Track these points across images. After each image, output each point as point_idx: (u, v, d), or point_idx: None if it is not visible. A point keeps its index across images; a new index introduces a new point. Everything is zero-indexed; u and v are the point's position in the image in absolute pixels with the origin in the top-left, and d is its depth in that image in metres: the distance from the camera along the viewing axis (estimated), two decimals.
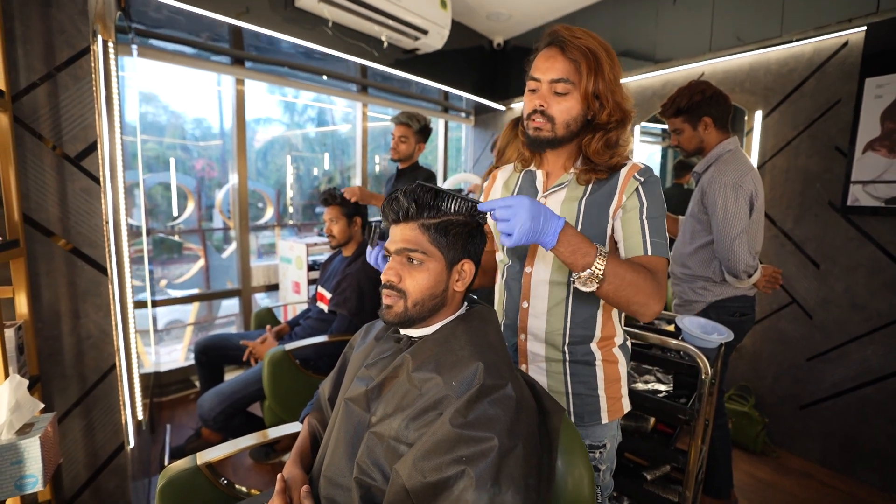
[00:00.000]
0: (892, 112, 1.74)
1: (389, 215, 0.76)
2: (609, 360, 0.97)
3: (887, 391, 1.83)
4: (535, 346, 0.98)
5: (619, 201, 0.89)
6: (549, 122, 0.88)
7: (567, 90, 0.86)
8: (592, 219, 0.91)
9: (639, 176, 0.89)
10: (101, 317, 1.26)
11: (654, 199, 0.88)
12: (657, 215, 0.88)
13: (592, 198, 0.91)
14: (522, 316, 0.98)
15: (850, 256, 1.91)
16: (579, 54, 0.84)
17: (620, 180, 0.90)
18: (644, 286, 0.80)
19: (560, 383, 0.97)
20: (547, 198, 0.96)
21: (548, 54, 0.88)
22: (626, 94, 0.90)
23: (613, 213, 0.89)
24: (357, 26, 2.36)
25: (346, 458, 0.72)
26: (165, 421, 2.25)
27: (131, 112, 2.09)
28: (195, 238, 3.76)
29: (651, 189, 0.88)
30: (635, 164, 0.92)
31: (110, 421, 1.30)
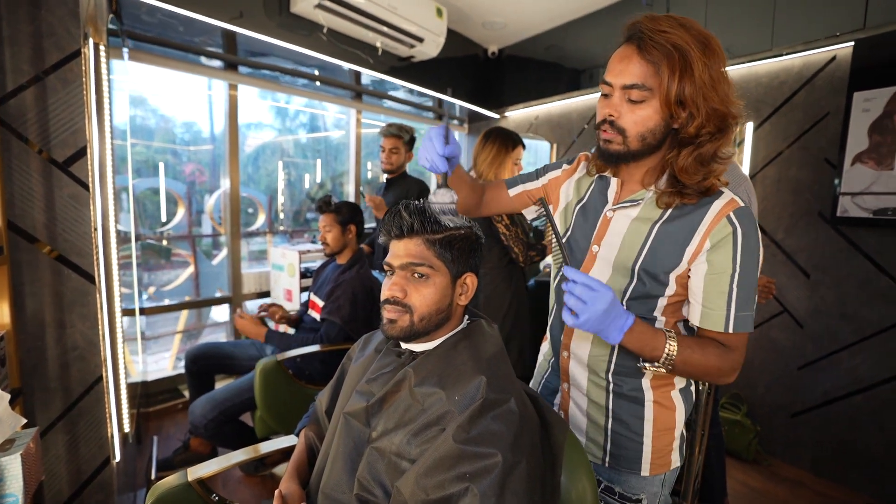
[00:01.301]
0: (878, 125, 1.77)
1: (392, 230, 0.74)
2: (664, 403, 0.84)
3: (877, 399, 1.85)
4: (576, 369, 0.88)
5: (699, 246, 0.74)
6: (620, 134, 0.75)
7: (643, 97, 0.71)
8: (661, 252, 0.77)
9: (734, 219, 0.72)
10: (88, 327, 1.22)
11: (751, 255, 0.72)
12: (750, 279, 0.72)
13: (669, 226, 0.76)
14: (567, 332, 0.89)
15: (840, 267, 1.93)
16: (660, 54, 0.68)
17: (708, 218, 0.73)
18: (716, 368, 0.73)
19: (600, 415, 0.86)
20: (616, 211, 0.82)
21: (623, 53, 0.73)
22: (727, 95, 0.71)
23: (691, 259, 0.75)
24: (352, 33, 2.35)
25: (346, 473, 0.70)
26: (152, 432, 2.19)
27: (121, 116, 2.05)
28: (185, 244, 3.70)
29: (748, 241, 0.72)
30: (733, 198, 0.74)
31: (95, 435, 1.26)
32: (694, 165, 0.72)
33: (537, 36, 3.06)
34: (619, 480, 0.86)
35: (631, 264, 0.79)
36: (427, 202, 0.75)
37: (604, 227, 0.83)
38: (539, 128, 3.27)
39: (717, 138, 0.72)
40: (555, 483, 0.70)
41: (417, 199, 0.77)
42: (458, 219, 0.76)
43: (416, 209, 0.73)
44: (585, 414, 0.88)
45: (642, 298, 0.80)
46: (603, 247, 0.82)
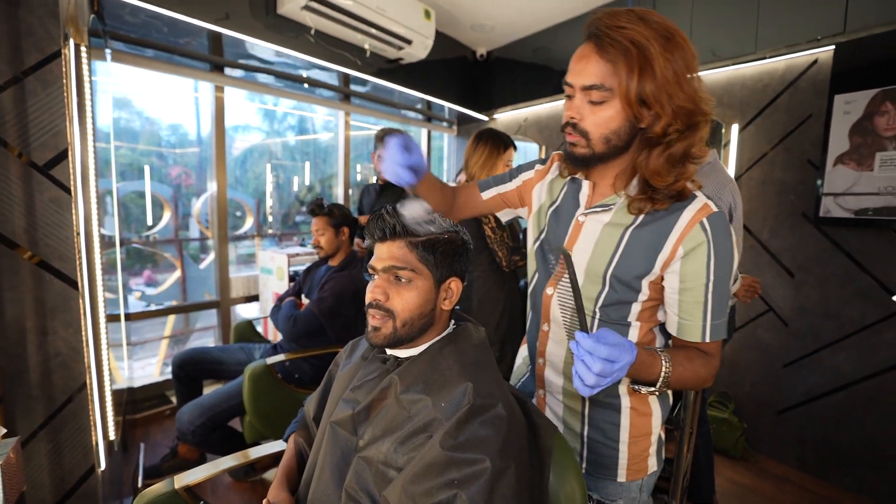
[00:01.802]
0: (859, 127, 1.81)
1: (375, 233, 0.74)
2: (640, 409, 0.82)
3: (858, 396, 1.89)
4: (552, 375, 0.87)
5: (672, 253, 0.71)
6: (583, 136, 0.72)
7: (603, 98, 0.68)
8: (633, 258, 0.74)
9: (707, 226, 0.69)
10: (71, 333, 1.20)
11: (724, 262, 0.70)
12: (724, 286, 0.71)
13: (641, 231, 0.74)
14: (542, 339, 0.87)
15: (824, 266, 1.97)
16: (617, 51, 0.65)
17: (681, 224, 0.71)
18: (702, 378, 0.74)
19: (576, 422, 0.85)
20: (588, 216, 0.80)
21: (581, 53, 0.70)
22: (694, 91, 0.67)
23: (663, 266, 0.73)
24: (340, 35, 2.34)
25: (334, 484, 0.69)
26: (139, 439, 2.15)
27: (104, 118, 2.02)
28: (171, 248, 3.65)
29: (721, 249, 0.70)
30: (706, 203, 0.71)
31: (80, 443, 1.23)
32: (665, 167, 0.70)
33: (525, 38, 3.07)
34: (595, 487, 0.85)
35: (603, 271, 0.77)
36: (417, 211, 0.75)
37: (576, 232, 0.81)
38: (528, 130, 3.28)
39: (687, 137, 0.68)
40: (543, 486, 0.70)
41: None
42: (443, 223, 0.75)
43: (398, 212, 0.73)
44: (561, 420, 0.88)
45: (615, 305, 0.78)
46: (575, 252, 0.80)
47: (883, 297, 1.82)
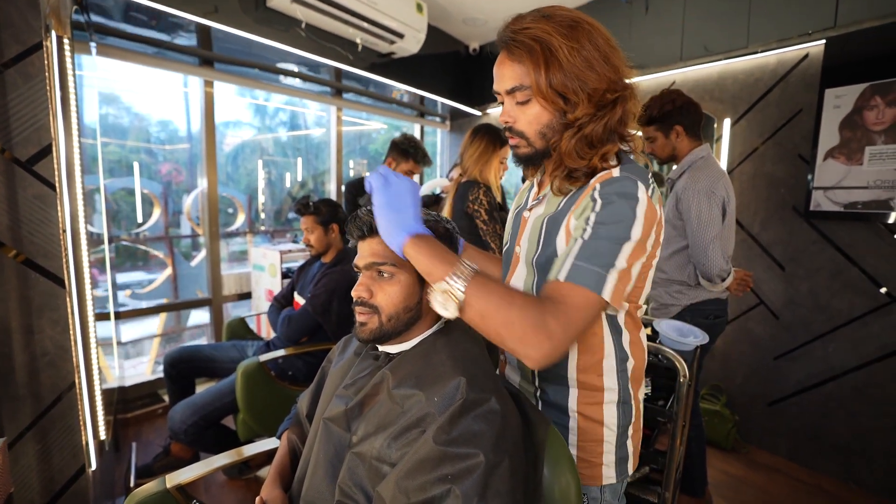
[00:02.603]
0: (849, 122, 1.82)
1: (354, 232, 0.74)
2: (590, 416, 0.77)
3: (847, 387, 1.92)
4: (510, 372, 0.88)
5: (566, 226, 0.70)
6: (522, 137, 0.74)
7: (526, 97, 0.70)
8: (549, 246, 0.73)
9: (597, 188, 0.67)
10: (59, 332, 1.18)
11: (609, 210, 0.64)
12: (604, 231, 0.63)
13: (555, 214, 0.74)
14: None
15: (813, 259, 1.99)
16: (522, 51, 0.68)
17: (583, 192, 0.70)
18: (518, 321, 0.58)
19: None
20: (530, 211, 0.82)
21: (498, 61, 0.74)
22: (606, 72, 0.67)
23: (566, 237, 0.70)
24: (331, 28, 2.32)
25: (327, 480, 0.68)
26: (131, 439, 2.13)
27: (90, 113, 1.98)
28: (162, 245, 3.61)
29: (607, 200, 0.65)
30: (609, 171, 0.70)
31: (69, 443, 1.22)
32: (579, 148, 0.70)
33: None
34: None
35: (532, 260, 0.78)
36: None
37: (522, 228, 0.84)
38: None
39: (600, 117, 0.69)
40: (537, 480, 0.70)
41: None
42: (424, 214, 0.75)
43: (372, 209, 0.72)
44: None
45: None
46: (521, 247, 0.82)
47: (871, 290, 1.84)
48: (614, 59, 0.69)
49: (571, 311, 0.61)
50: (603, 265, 0.62)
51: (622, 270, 0.63)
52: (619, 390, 0.78)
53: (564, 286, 0.62)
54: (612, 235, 0.63)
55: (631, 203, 0.64)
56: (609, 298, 0.62)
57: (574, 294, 0.61)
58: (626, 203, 0.64)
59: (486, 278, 0.61)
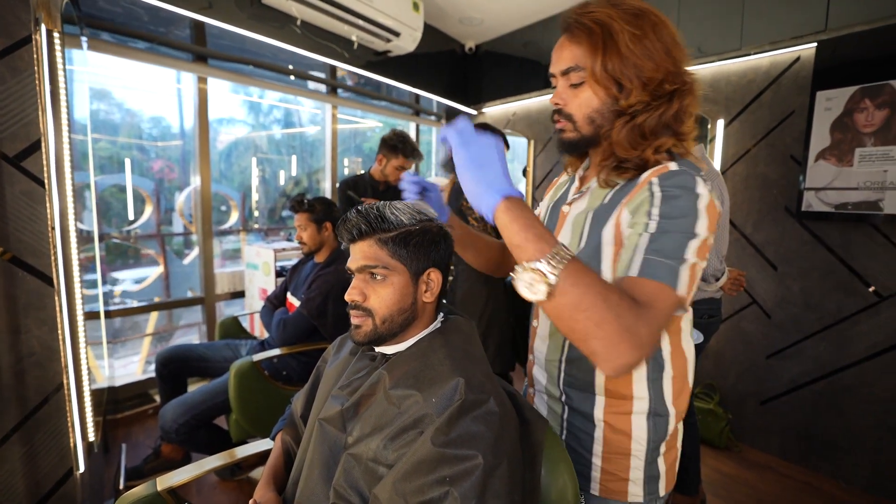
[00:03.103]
0: (839, 124, 1.84)
1: (345, 236, 0.73)
2: (617, 427, 0.74)
3: (837, 385, 1.94)
4: (538, 373, 0.85)
5: (617, 220, 0.67)
6: (569, 120, 0.73)
7: (581, 79, 0.69)
8: (592, 243, 0.71)
9: (654, 181, 0.64)
10: (46, 332, 1.16)
11: (671, 203, 0.61)
12: (672, 224, 0.60)
13: (600, 210, 0.72)
14: (532, 334, 0.87)
15: (805, 259, 2.01)
16: (582, 32, 0.67)
17: (636, 185, 0.67)
18: (613, 321, 0.52)
19: (556, 425, 0.82)
20: (571, 205, 0.79)
21: (557, 44, 0.73)
22: (666, 63, 0.66)
23: (616, 240, 0.67)
24: (327, 26, 2.30)
25: (322, 481, 0.67)
26: (121, 440, 2.10)
27: (81, 108, 1.95)
28: (153, 243, 3.56)
29: (669, 193, 0.62)
30: (666, 165, 0.66)
31: (56, 445, 1.19)
32: (630, 138, 0.68)
33: (514, 32, 3.06)
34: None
35: None
36: (382, 203, 0.74)
37: (560, 224, 0.81)
38: (516, 124, 3.28)
39: (654, 108, 0.67)
40: (535, 481, 0.69)
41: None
42: (417, 213, 0.74)
43: (363, 210, 0.71)
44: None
45: None
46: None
47: (861, 289, 1.86)
48: (676, 52, 0.68)
49: (660, 316, 0.56)
50: (675, 258, 0.58)
51: (692, 265, 0.59)
52: (650, 400, 0.73)
53: (647, 284, 0.57)
54: (679, 228, 0.60)
55: (693, 198, 0.61)
56: (684, 294, 0.58)
57: (654, 291, 0.57)
58: (689, 197, 0.61)
59: (583, 266, 0.55)
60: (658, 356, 0.74)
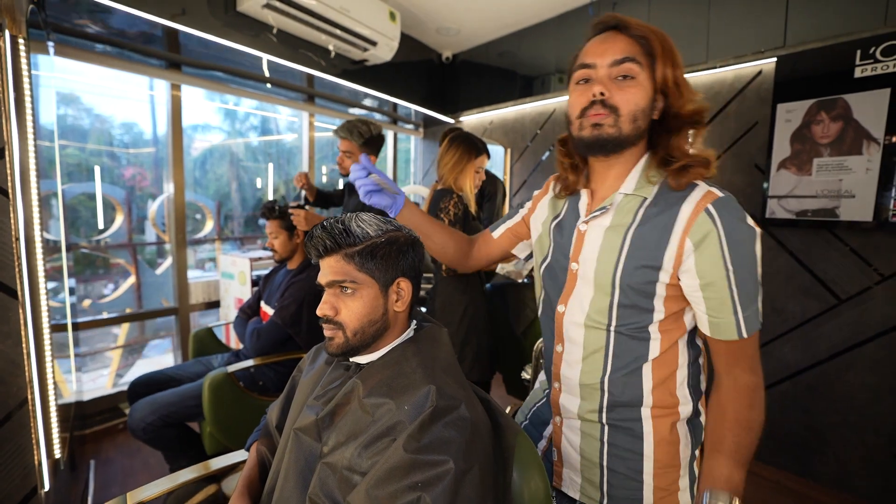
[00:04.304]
0: (798, 135, 1.94)
1: (312, 252, 0.73)
2: (665, 437, 0.74)
3: (801, 385, 2.02)
4: (567, 400, 0.81)
5: (680, 247, 0.67)
6: (613, 113, 0.69)
7: (634, 73, 0.68)
8: (639, 258, 0.70)
9: (713, 211, 0.65)
10: (10, 346, 1.12)
11: (740, 248, 0.65)
12: (747, 272, 0.66)
13: (643, 229, 0.70)
14: (556, 360, 0.83)
15: (770, 264, 2.10)
16: (648, 31, 0.68)
17: (684, 214, 0.67)
18: (752, 417, 0.72)
19: (595, 451, 0.78)
20: (588, 223, 0.77)
21: (605, 37, 0.71)
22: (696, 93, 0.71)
23: (675, 264, 0.68)
24: (303, 35, 2.30)
25: (298, 491, 0.68)
26: (89, 456, 2.03)
27: (47, 114, 1.90)
28: (125, 253, 3.47)
29: (734, 234, 0.65)
30: (710, 190, 0.68)
31: (19, 464, 1.15)
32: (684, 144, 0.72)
33: (490, 42, 3.12)
34: None
35: (611, 277, 0.72)
36: (347, 215, 0.74)
37: (579, 243, 0.78)
38: (493, 133, 3.33)
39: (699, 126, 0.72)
40: (507, 486, 0.71)
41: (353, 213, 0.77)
42: (383, 224, 0.74)
43: (328, 226, 0.72)
44: (579, 451, 0.81)
45: (630, 313, 0.73)
46: (581, 264, 0.77)
47: (821, 293, 1.95)
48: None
49: (755, 354, 0.71)
50: (755, 301, 0.68)
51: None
52: (692, 405, 0.76)
53: (748, 340, 0.69)
54: (752, 273, 0.67)
55: (753, 235, 0.67)
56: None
57: (755, 338, 0.70)
58: (749, 231, 0.67)
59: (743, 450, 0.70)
60: (695, 363, 0.78)
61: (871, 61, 1.74)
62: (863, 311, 1.85)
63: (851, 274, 1.88)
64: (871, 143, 1.76)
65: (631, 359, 0.74)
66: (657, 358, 0.74)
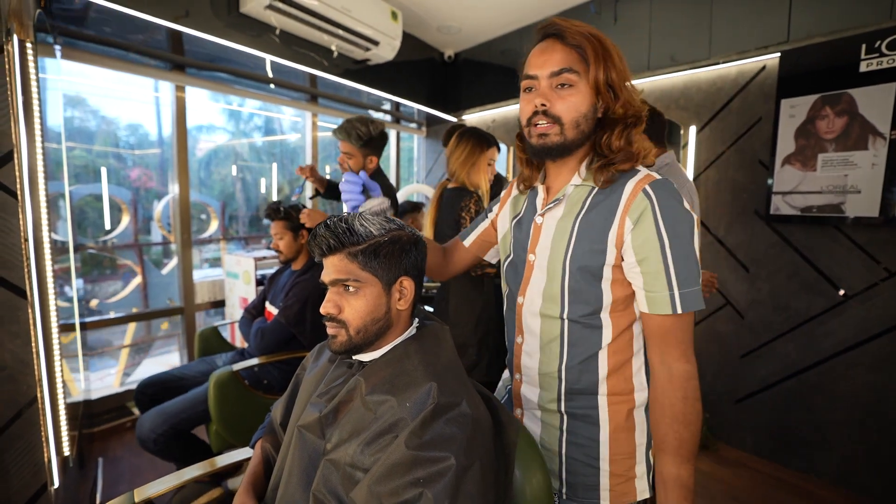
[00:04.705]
0: (803, 130, 1.93)
1: (315, 251, 0.74)
2: (621, 423, 0.77)
3: (806, 383, 2.01)
4: (528, 391, 0.84)
5: (620, 227, 0.71)
6: (555, 123, 0.73)
7: (572, 81, 0.72)
8: (586, 242, 0.74)
9: (650, 190, 0.70)
10: (19, 345, 1.14)
11: (676, 224, 0.69)
12: (684, 249, 0.69)
13: (590, 215, 0.74)
14: (517, 352, 0.86)
15: (774, 260, 2.08)
16: (582, 39, 0.70)
17: (624, 196, 0.71)
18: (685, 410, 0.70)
19: (554, 440, 0.81)
20: (544, 216, 0.81)
21: (543, 46, 0.74)
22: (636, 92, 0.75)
23: (617, 243, 0.72)
24: (306, 35, 2.31)
25: (301, 488, 0.68)
26: (97, 454, 2.06)
27: (54, 116, 1.92)
28: (131, 253, 3.50)
29: (669, 211, 0.69)
30: (648, 174, 0.73)
31: (29, 461, 1.17)
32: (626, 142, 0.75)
33: (492, 40, 3.11)
34: None
35: (560, 262, 0.76)
36: (350, 214, 0.75)
37: (536, 235, 0.82)
38: (496, 131, 3.32)
39: (637, 125, 0.75)
40: (508, 482, 0.71)
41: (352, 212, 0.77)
42: (387, 223, 0.75)
43: (331, 225, 0.72)
44: (539, 440, 0.84)
45: (580, 297, 0.76)
46: (537, 255, 0.81)
47: (826, 289, 1.94)
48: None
49: (688, 341, 0.72)
50: (696, 282, 0.70)
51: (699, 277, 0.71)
52: (647, 391, 0.78)
53: (683, 317, 0.70)
54: (689, 252, 0.69)
55: (685, 211, 0.70)
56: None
57: (689, 319, 0.71)
58: (684, 212, 0.70)
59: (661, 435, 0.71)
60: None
61: (876, 55, 1.72)
62: (869, 307, 1.84)
63: (857, 270, 1.86)
64: (877, 138, 1.74)
65: (585, 347, 0.77)
66: (611, 344, 0.77)
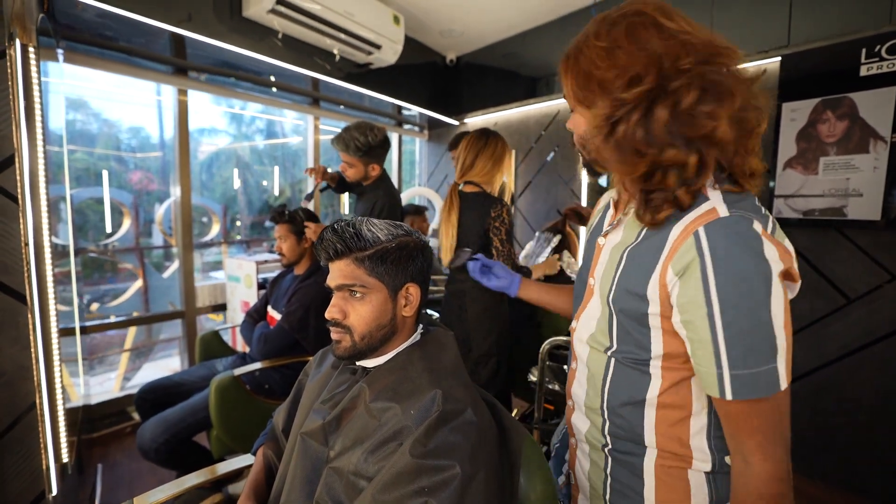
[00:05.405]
0: (804, 134, 1.92)
1: (322, 255, 0.74)
2: (671, 484, 0.64)
3: (810, 385, 2.00)
4: (578, 419, 0.76)
5: (661, 276, 0.57)
6: (580, 143, 0.69)
7: (573, 106, 0.66)
8: (629, 282, 0.62)
9: (701, 236, 0.53)
10: (18, 350, 1.13)
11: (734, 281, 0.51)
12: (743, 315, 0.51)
13: (638, 248, 0.62)
14: (570, 377, 0.78)
15: None
16: (562, 61, 0.64)
17: (672, 237, 0.56)
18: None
19: (599, 481, 0.71)
20: (606, 237, 0.72)
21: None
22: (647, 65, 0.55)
23: (661, 293, 0.57)
24: (308, 39, 2.31)
25: (304, 496, 0.68)
26: (97, 460, 2.05)
27: (56, 119, 1.92)
28: (132, 257, 3.50)
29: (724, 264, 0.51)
30: (713, 208, 0.55)
31: (28, 467, 1.16)
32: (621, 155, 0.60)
33: (495, 44, 3.12)
34: None
35: (606, 297, 0.67)
36: (358, 219, 0.74)
37: (596, 257, 0.74)
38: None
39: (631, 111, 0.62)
40: (513, 489, 0.71)
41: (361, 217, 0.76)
42: (394, 229, 0.75)
43: (339, 229, 0.72)
44: (587, 477, 0.74)
45: (627, 340, 0.65)
46: (596, 279, 0.72)
47: (830, 292, 1.93)
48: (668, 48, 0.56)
49: (769, 432, 0.53)
50: (757, 360, 0.51)
51: (786, 347, 0.52)
52: (712, 459, 0.63)
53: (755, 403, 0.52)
54: (754, 320, 0.51)
55: (757, 263, 0.50)
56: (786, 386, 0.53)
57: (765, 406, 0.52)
58: (752, 267, 0.50)
59: None
60: None
61: (876, 59, 1.72)
62: (872, 310, 1.83)
63: (860, 273, 1.86)
64: (878, 142, 1.74)
65: (629, 391, 0.65)
66: (661, 396, 0.63)
